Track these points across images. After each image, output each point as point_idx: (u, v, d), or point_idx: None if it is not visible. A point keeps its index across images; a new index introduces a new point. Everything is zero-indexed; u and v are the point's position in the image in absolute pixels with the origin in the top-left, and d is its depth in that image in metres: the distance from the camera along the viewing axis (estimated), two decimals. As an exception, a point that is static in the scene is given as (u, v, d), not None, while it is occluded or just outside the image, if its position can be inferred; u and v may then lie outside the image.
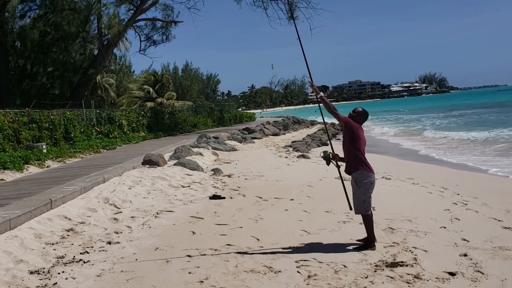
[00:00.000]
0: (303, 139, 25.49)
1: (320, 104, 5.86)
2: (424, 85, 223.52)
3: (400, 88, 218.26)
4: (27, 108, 17.33)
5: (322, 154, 5.96)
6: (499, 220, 6.73)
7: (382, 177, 10.82)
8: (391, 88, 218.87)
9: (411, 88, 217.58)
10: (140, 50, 33.15)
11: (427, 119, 46.66)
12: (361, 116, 5.63)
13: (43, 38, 27.90)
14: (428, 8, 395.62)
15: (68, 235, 6.18)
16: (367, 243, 5.46)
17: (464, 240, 5.71)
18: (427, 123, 40.96)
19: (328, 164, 5.93)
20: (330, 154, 5.89)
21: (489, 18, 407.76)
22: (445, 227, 6.29)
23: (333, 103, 5.63)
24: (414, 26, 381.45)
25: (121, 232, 6.37)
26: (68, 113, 18.77)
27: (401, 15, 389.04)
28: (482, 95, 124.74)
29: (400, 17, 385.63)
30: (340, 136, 31.68)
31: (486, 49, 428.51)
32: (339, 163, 5.90)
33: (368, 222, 5.49)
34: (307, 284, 4.38)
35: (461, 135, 25.29)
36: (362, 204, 5.50)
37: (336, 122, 6.16)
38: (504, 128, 26.06)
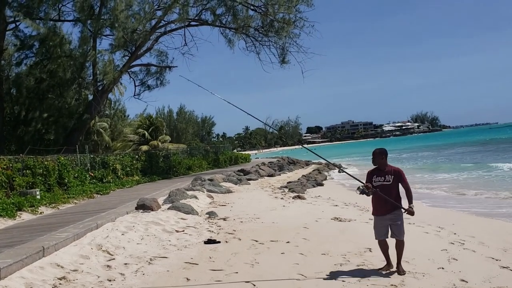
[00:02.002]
0: (298, 179, 25.50)
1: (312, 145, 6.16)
2: (416, 124, 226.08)
3: (393, 128, 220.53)
4: (21, 154, 17.29)
5: (358, 192, 6.21)
6: (496, 260, 6.68)
7: (378, 218, 10.75)
8: (384, 128, 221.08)
9: (404, 127, 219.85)
10: (134, 95, 33.57)
11: (417, 158, 47.39)
12: (383, 156, 6.16)
13: (38, 85, 28.19)
14: (418, 50, 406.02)
15: (60, 284, 6.04)
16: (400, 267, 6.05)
17: (463, 281, 5.64)
18: (418, 161, 41.47)
19: (368, 195, 6.20)
20: (365, 187, 6.14)
21: (480, 58, 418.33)
22: (443, 268, 6.22)
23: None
24: (404, 67, 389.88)
25: (114, 280, 6.24)
26: (62, 158, 18.73)
27: (391, 57, 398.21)
28: (472, 134, 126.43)
29: (390, 59, 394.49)
30: (334, 176, 31.67)
31: (477, 88, 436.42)
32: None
33: (403, 246, 6.12)
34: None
35: (451, 174, 25.59)
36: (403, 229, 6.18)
37: (331, 162, 6.42)
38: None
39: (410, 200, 6.06)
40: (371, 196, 6.20)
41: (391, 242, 6.19)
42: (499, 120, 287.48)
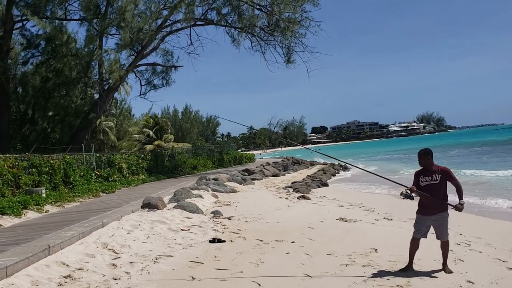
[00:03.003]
0: (303, 179, 25.46)
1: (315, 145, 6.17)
2: (422, 124, 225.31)
3: (399, 128, 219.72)
4: (27, 153, 17.37)
5: (402, 197, 6.23)
6: (503, 261, 6.64)
7: (384, 218, 10.74)
8: (390, 128, 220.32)
9: (410, 128, 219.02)
10: (140, 94, 33.67)
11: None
12: (429, 156, 6.15)
13: (44, 84, 28.31)
14: (425, 50, 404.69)
15: (65, 282, 6.06)
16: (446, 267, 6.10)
17: (469, 282, 5.61)
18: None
19: (412, 199, 6.19)
20: (408, 191, 6.14)
21: (486, 58, 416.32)
22: (449, 269, 6.18)
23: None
24: (411, 67, 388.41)
25: (119, 278, 6.24)
26: (68, 157, 18.80)
27: (398, 57, 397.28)
28: (479, 134, 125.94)
29: (396, 59, 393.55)
30: (339, 176, 31.62)
31: (484, 89, 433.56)
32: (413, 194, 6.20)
33: (448, 246, 6.21)
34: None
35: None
36: (447, 230, 6.25)
37: (336, 163, 6.36)
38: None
39: (460, 196, 6.05)
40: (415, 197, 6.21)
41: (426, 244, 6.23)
42: (505, 121, 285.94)
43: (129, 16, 26.21)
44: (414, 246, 6.21)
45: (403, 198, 6.18)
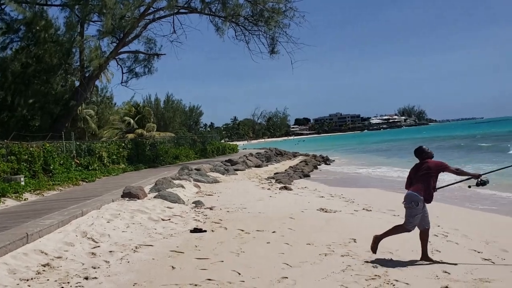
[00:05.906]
0: (285, 170, 25.55)
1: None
2: (403, 117, 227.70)
3: (380, 121, 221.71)
4: (6, 140, 17.06)
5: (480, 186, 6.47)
6: (479, 252, 6.79)
7: (363, 209, 10.87)
8: (371, 121, 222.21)
9: (391, 120, 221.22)
10: (122, 82, 33.20)
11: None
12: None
13: (24, 70, 27.70)
14: (406, 45, 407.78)
15: (44, 271, 6.00)
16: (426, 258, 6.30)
17: (445, 272, 5.73)
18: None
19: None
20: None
21: (466, 54, 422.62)
22: (426, 259, 6.30)
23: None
24: (393, 61, 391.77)
25: (98, 267, 6.21)
26: (48, 145, 18.52)
27: (380, 51, 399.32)
28: (459, 128, 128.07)
29: (378, 53, 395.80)
30: (321, 168, 31.84)
31: (464, 83, 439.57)
32: None
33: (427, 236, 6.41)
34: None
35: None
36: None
37: (318, 154, 6.45)
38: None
39: None
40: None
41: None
42: (484, 115, 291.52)
43: (112, 2, 25.75)
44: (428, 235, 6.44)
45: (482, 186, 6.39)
